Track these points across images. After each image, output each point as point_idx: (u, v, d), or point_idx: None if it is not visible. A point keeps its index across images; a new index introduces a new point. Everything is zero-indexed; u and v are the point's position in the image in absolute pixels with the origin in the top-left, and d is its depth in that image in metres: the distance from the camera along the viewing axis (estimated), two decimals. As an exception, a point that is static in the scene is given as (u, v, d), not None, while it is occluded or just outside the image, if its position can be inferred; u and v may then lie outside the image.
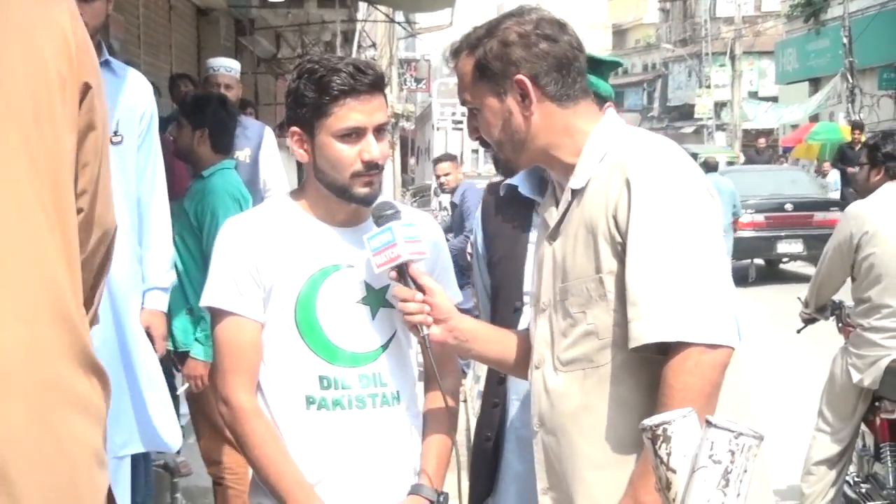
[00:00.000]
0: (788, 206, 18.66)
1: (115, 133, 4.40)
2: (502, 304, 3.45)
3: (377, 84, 2.91)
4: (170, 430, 4.51)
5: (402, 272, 2.87)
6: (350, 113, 2.86)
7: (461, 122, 29.62)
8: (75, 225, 2.08)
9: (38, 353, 1.93)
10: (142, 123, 4.61)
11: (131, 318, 4.41)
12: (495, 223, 3.55)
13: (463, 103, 2.85)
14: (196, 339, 5.48)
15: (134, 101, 4.59)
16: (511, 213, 3.53)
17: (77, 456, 1.98)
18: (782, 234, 18.30)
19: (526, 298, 3.27)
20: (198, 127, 5.76)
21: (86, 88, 2.11)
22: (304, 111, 2.89)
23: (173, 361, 5.68)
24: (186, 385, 5.66)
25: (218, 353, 2.98)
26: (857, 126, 23.04)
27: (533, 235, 3.38)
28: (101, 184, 2.22)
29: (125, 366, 4.32)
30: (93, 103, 2.13)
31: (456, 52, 2.81)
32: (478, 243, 3.66)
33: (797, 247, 18.48)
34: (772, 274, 19.10)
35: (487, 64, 2.71)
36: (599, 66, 3.35)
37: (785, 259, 19.33)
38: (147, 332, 4.56)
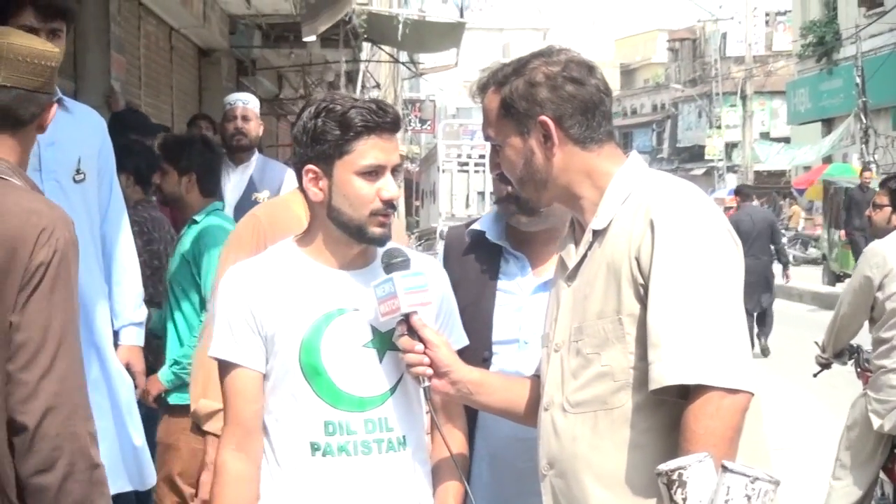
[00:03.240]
0: None
1: (78, 171, 4.44)
2: (470, 355, 3.25)
3: (396, 124, 2.94)
4: (148, 468, 4.66)
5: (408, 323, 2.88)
6: (372, 150, 2.87)
7: (466, 164, 29.50)
8: None
9: None
10: (100, 160, 4.62)
11: (113, 360, 4.51)
12: (460, 269, 3.46)
13: (486, 139, 2.90)
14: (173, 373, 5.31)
15: (91, 138, 4.61)
16: (477, 258, 3.49)
17: None
18: None
19: (495, 348, 3.29)
20: (184, 172, 5.56)
21: None
22: (325, 147, 2.87)
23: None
24: None
25: (223, 404, 3.01)
26: (866, 168, 24.03)
27: (502, 283, 3.40)
28: None
29: (112, 405, 4.44)
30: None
31: (483, 88, 2.86)
32: None
33: None
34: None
35: (513, 102, 2.75)
36: None
37: None
38: (127, 367, 4.66)
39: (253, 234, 3.71)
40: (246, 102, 7.76)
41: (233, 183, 7.54)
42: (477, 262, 3.47)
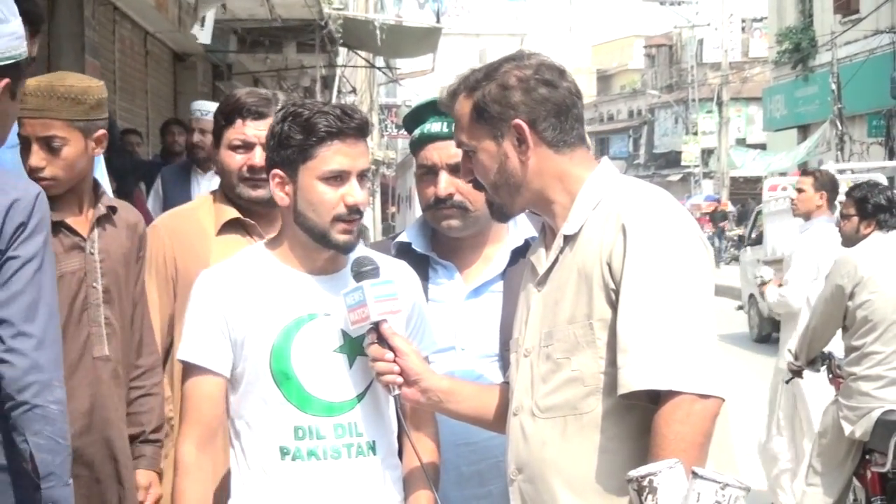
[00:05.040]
0: None
1: None
2: None
3: (363, 129, 2.93)
4: None
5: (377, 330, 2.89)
6: (336, 156, 2.87)
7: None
8: None
9: None
10: None
11: None
12: None
13: (459, 145, 2.87)
14: None
15: None
16: None
17: None
18: None
19: (432, 357, 3.23)
20: None
21: None
22: (289, 153, 2.89)
23: None
24: None
25: (181, 405, 3.03)
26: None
27: (432, 292, 3.37)
28: None
29: None
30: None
31: (454, 94, 2.83)
32: None
33: None
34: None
35: (486, 106, 2.74)
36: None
37: None
38: None
39: (155, 249, 3.74)
40: (205, 114, 7.50)
41: (203, 189, 7.52)
42: None
